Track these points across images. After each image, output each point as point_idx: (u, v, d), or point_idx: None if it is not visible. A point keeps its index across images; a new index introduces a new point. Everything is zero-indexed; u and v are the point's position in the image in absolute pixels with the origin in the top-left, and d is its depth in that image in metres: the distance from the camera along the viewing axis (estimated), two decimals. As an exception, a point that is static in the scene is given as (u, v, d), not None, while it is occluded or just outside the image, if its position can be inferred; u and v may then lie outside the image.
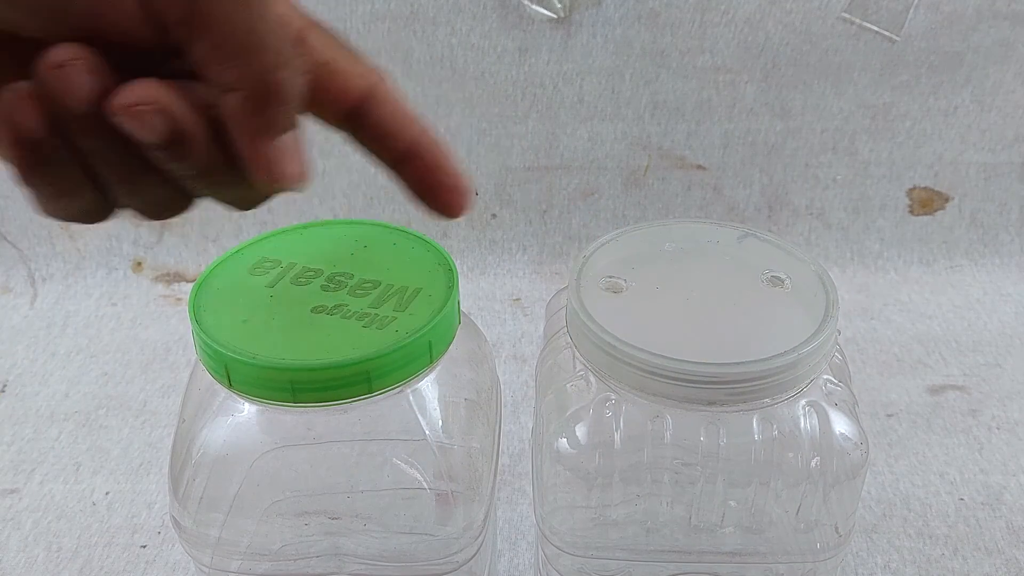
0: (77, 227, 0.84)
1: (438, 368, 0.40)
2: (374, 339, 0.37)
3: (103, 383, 0.73)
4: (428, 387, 0.41)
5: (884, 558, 0.57)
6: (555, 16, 0.77)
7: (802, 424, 0.41)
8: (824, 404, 0.41)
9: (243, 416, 0.40)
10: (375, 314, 0.38)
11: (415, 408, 0.40)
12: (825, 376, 0.42)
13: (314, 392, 0.36)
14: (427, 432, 0.41)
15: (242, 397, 0.38)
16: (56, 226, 0.83)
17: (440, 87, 0.80)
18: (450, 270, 0.41)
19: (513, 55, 0.79)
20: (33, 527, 0.60)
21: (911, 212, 0.85)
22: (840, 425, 0.41)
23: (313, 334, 0.37)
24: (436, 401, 0.41)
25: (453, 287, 0.40)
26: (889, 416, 0.68)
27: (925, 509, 0.61)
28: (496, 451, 0.45)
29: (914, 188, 0.84)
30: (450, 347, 0.40)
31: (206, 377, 0.39)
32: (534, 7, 0.77)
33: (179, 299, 0.82)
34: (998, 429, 0.67)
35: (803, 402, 0.41)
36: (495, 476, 0.45)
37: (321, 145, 0.82)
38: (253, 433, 0.41)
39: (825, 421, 0.41)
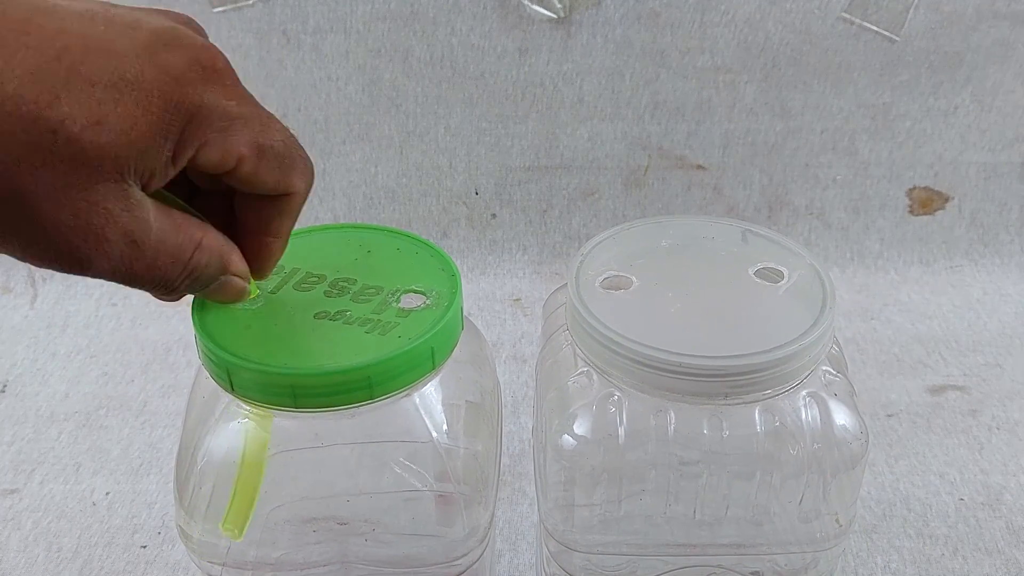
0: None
1: (442, 372, 0.40)
2: (376, 345, 0.37)
3: (103, 383, 0.73)
4: (432, 391, 0.41)
5: (884, 558, 0.57)
6: (555, 16, 0.77)
7: (803, 415, 0.41)
8: (824, 394, 0.42)
9: (246, 421, 0.40)
10: (378, 320, 0.38)
11: (420, 411, 0.40)
12: (824, 367, 0.42)
13: (316, 398, 0.36)
14: (433, 434, 0.41)
15: (244, 402, 0.38)
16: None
17: (440, 87, 0.80)
18: (453, 275, 0.40)
19: (513, 55, 0.79)
20: (33, 527, 0.60)
21: (911, 212, 0.85)
22: (840, 415, 0.42)
23: (315, 340, 0.37)
24: (440, 404, 0.41)
25: (456, 293, 0.39)
26: (889, 416, 0.68)
27: (925, 509, 0.61)
28: (498, 454, 0.45)
29: (914, 188, 0.85)
30: (453, 351, 0.40)
31: (209, 384, 0.39)
32: (534, 7, 0.77)
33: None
34: (998, 429, 0.67)
35: (804, 393, 0.41)
36: (497, 479, 0.45)
37: (321, 145, 0.82)
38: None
39: (825, 411, 0.41)
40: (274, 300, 0.39)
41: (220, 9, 0.77)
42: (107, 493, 0.62)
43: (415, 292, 0.40)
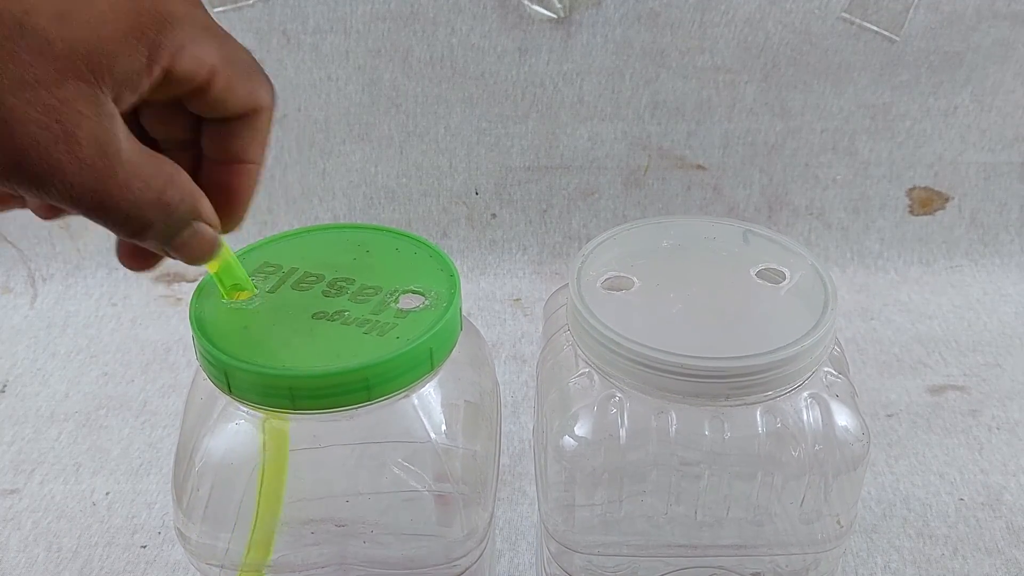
0: (77, 227, 0.83)
1: (441, 372, 0.40)
2: (374, 346, 0.37)
3: (103, 383, 0.73)
4: (431, 391, 0.41)
5: (884, 558, 0.57)
6: (555, 16, 0.77)
7: (805, 416, 0.41)
8: (825, 396, 0.42)
9: (244, 423, 0.40)
10: (376, 321, 0.38)
11: (419, 412, 0.40)
12: (825, 368, 0.42)
13: (314, 399, 0.36)
14: (432, 435, 0.41)
15: (242, 404, 0.37)
16: (56, 226, 0.83)
17: (440, 87, 0.80)
18: (452, 276, 0.40)
19: (513, 55, 0.79)
20: (33, 527, 0.60)
21: (911, 212, 0.85)
22: (842, 417, 0.42)
23: (313, 341, 0.37)
24: (439, 405, 0.41)
25: (455, 293, 0.39)
26: (889, 416, 0.68)
27: (925, 509, 0.61)
28: (497, 455, 0.45)
29: (914, 188, 0.84)
30: (452, 351, 0.40)
31: (207, 385, 0.39)
32: (534, 7, 0.77)
33: (179, 299, 0.82)
34: (998, 429, 0.67)
35: (805, 394, 0.41)
36: (496, 480, 0.45)
37: (321, 145, 0.82)
38: (254, 439, 0.40)
39: (827, 413, 0.41)
40: (272, 300, 0.39)
41: (220, 9, 0.76)
42: (107, 493, 0.62)
43: (414, 292, 0.39)
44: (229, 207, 0.36)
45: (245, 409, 0.38)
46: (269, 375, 0.36)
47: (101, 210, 0.31)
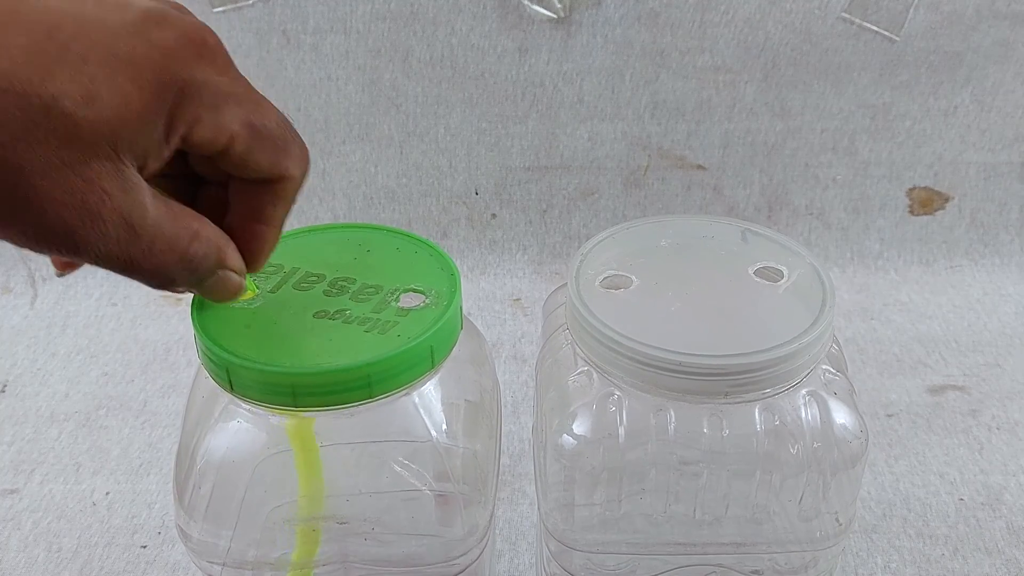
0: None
1: (441, 371, 0.40)
2: (376, 344, 0.37)
3: (103, 383, 0.73)
4: (431, 390, 0.41)
5: (884, 558, 0.57)
6: (555, 16, 0.77)
7: (803, 414, 0.41)
8: (823, 393, 0.42)
9: (245, 421, 0.40)
10: (377, 319, 0.38)
11: (419, 410, 0.40)
12: (824, 366, 0.42)
13: (315, 397, 0.36)
14: (432, 434, 0.41)
15: (244, 402, 0.38)
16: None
17: (440, 87, 0.80)
18: (452, 275, 0.40)
19: (513, 55, 0.79)
20: (33, 527, 0.60)
21: (911, 212, 0.85)
22: (840, 414, 0.42)
23: (315, 339, 0.37)
24: (439, 403, 0.41)
25: (456, 292, 0.39)
26: (889, 416, 0.68)
27: (925, 509, 0.61)
28: (497, 454, 0.45)
29: (914, 188, 0.85)
30: (452, 350, 0.40)
31: (208, 384, 0.39)
32: (534, 7, 0.77)
33: (179, 299, 0.82)
34: (998, 429, 0.67)
35: (803, 392, 0.41)
36: (497, 479, 0.45)
37: (321, 145, 0.82)
38: (255, 438, 0.40)
39: (825, 410, 0.41)
40: (273, 299, 0.39)
41: (220, 9, 0.77)
42: (107, 493, 0.62)
43: (414, 291, 0.40)
44: (246, 256, 0.37)
45: (247, 407, 0.39)
46: (271, 372, 0.36)
47: (128, 271, 0.33)
